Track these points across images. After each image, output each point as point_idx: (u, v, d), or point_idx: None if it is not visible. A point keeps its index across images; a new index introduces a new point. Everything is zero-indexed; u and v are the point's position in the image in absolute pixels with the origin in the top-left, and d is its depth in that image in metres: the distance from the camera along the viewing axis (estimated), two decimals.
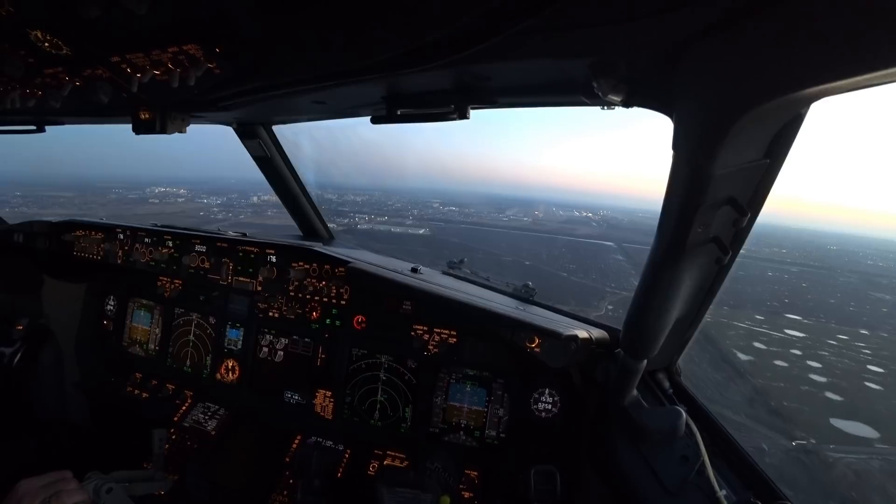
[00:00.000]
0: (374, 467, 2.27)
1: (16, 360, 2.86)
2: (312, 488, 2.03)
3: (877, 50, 0.73)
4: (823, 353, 22.22)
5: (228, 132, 2.78)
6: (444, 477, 1.88)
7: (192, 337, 2.85)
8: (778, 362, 20.18)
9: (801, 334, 24.02)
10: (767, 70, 0.84)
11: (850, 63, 0.76)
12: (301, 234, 3.50)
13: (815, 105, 0.94)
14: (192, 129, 1.98)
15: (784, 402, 16.11)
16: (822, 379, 19.22)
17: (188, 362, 2.84)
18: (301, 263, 2.56)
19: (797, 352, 21.81)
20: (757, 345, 21.70)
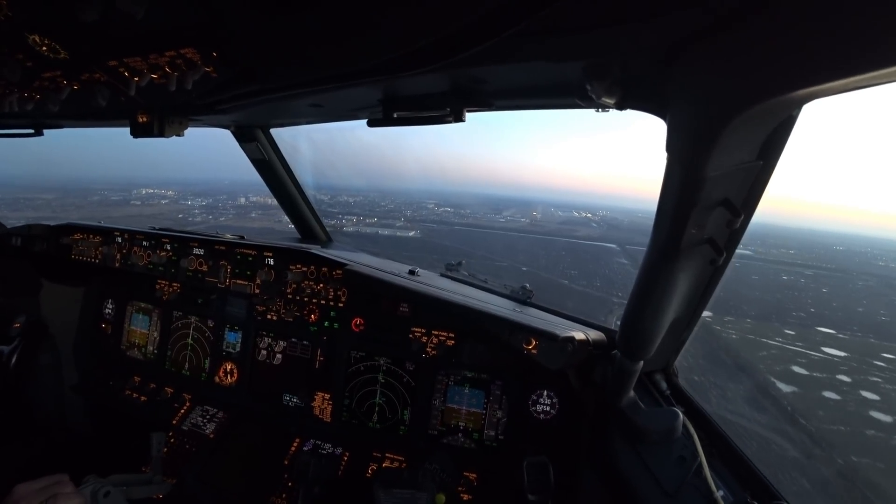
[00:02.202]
0: (372, 469, 2.27)
1: (14, 359, 2.85)
2: (312, 496, 2.03)
3: (867, 52, 0.73)
4: (875, 378, 18.90)
5: (227, 135, 2.79)
6: (441, 477, 1.88)
7: (190, 340, 2.85)
8: (827, 394, 16.79)
9: (841, 353, 20.64)
10: (759, 73, 0.85)
11: (840, 65, 0.76)
12: (299, 236, 3.51)
13: (807, 106, 0.95)
14: (191, 132, 1.99)
15: (852, 455, 12.59)
16: (887, 418, 15.68)
17: (187, 365, 2.84)
18: (299, 266, 2.56)
19: (845, 378, 18.45)
20: (796, 369, 18.32)
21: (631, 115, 1.35)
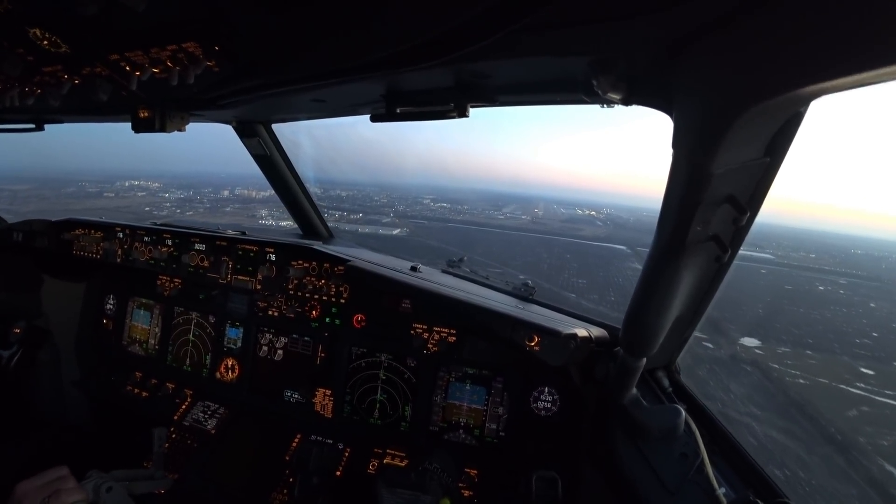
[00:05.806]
0: (373, 466, 2.27)
1: (13, 362, 2.86)
2: (311, 485, 2.03)
3: (878, 47, 0.72)
4: None
5: (228, 130, 2.77)
6: (443, 477, 1.88)
7: (191, 336, 2.85)
8: None
9: None
10: (767, 67, 0.84)
11: (850, 60, 0.75)
12: (300, 232, 3.50)
13: (815, 103, 0.93)
14: (193, 127, 1.98)
15: None
16: None
17: (188, 361, 2.84)
18: (300, 262, 2.56)
19: None
20: None
21: (634, 111, 1.34)
